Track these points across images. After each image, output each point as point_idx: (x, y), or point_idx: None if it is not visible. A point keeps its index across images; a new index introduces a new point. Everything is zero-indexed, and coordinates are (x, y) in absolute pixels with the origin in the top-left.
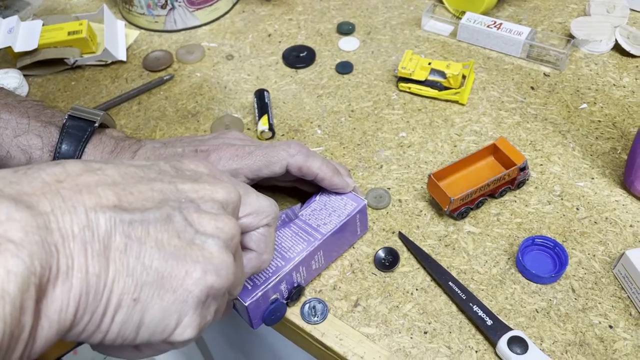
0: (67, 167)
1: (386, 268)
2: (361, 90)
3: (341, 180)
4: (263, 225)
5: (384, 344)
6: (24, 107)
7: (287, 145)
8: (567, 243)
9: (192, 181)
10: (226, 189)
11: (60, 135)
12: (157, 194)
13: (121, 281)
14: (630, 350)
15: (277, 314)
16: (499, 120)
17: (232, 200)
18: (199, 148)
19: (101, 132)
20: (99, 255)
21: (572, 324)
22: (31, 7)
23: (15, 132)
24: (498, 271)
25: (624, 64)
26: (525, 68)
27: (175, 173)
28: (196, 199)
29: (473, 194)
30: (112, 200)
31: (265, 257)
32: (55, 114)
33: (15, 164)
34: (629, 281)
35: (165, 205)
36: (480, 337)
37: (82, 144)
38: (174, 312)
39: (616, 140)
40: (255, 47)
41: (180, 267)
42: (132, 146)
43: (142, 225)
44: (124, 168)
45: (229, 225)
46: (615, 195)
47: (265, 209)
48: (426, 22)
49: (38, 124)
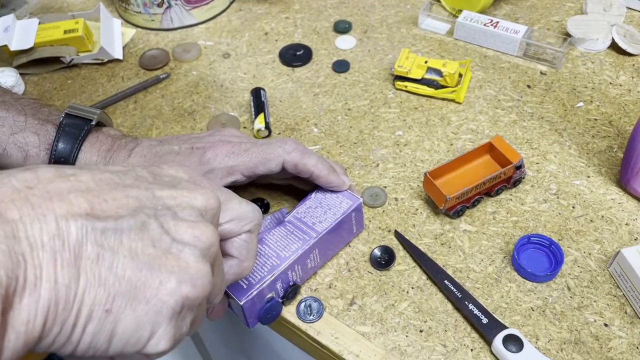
0: (38, 172)
1: (382, 266)
2: (358, 89)
3: (337, 179)
4: (245, 231)
5: (379, 343)
6: (21, 104)
7: (283, 143)
8: (563, 241)
9: (170, 187)
10: (205, 195)
11: (57, 134)
12: (132, 200)
13: (92, 292)
14: (626, 348)
15: (272, 312)
16: (495, 118)
17: (211, 207)
18: (195, 145)
19: (98, 131)
20: (69, 265)
21: (568, 322)
22: (28, 6)
23: (12, 130)
24: (494, 269)
25: (620, 63)
26: (522, 66)
27: (153, 179)
28: (174, 206)
29: (469, 192)
30: (85, 207)
31: (247, 264)
32: (52, 112)
33: (12, 161)
34: (624, 279)
35: (140, 212)
36: (475, 336)
37: (79, 142)
38: (147, 323)
39: (612, 139)
40: (252, 45)
41: (155, 277)
42: (128, 144)
43: (115, 234)
44: (99, 174)
45: (206, 234)
46: (611, 193)
47: (247, 215)
48: (423, 21)
49: (35, 121)
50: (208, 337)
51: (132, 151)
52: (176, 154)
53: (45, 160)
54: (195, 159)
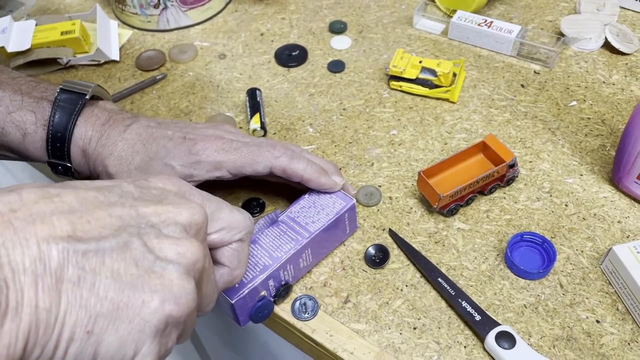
0: (23, 194)
1: (376, 265)
2: (353, 89)
3: (328, 180)
4: (236, 240)
5: (373, 340)
6: (17, 83)
7: (272, 147)
8: (555, 239)
9: (155, 203)
10: (191, 210)
11: (52, 109)
12: (115, 220)
13: (73, 314)
14: (617, 344)
15: (264, 311)
16: (489, 118)
17: (197, 221)
18: (188, 135)
19: (93, 105)
20: (50, 289)
21: (560, 319)
22: (25, 7)
23: (9, 109)
24: (487, 267)
25: (613, 62)
26: (516, 66)
27: (140, 194)
28: (158, 223)
29: (462, 190)
30: (66, 230)
31: (238, 273)
32: (48, 88)
33: (11, 139)
34: (616, 276)
35: (123, 232)
36: (469, 333)
37: (74, 117)
38: (130, 342)
39: (605, 137)
40: (248, 46)
41: (137, 297)
42: (125, 120)
43: (97, 255)
44: (84, 192)
45: (191, 250)
46: (603, 191)
47: (238, 224)
48: (417, 21)
49: (31, 99)
50: (205, 335)
51: (129, 127)
52: (169, 139)
53: (43, 136)
54: (185, 148)
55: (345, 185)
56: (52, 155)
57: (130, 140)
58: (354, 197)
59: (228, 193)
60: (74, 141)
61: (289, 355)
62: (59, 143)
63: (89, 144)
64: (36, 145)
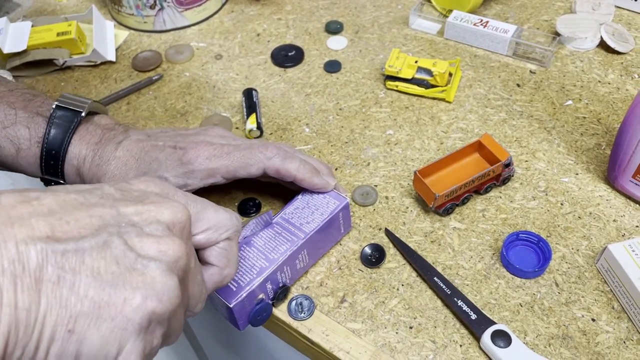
0: (2, 199)
1: (372, 264)
2: (349, 89)
3: (321, 181)
4: (223, 239)
5: (369, 339)
6: (14, 96)
7: (264, 148)
8: (551, 238)
9: (136, 203)
10: (173, 208)
11: (47, 126)
12: (95, 220)
13: (54, 313)
14: (613, 343)
15: (263, 314)
16: (485, 117)
17: (179, 220)
18: (178, 145)
19: (89, 121)
20: (30, 289)
21: (556, 317)
22: (21, 9)
23: (4, 124)
24: (483, 266)
25: (609, 61)
26: (512, 65)
27: (121, 195)
28: (139, 222)
29: (458, 190)
30: (45, 231)
31: (227, 272)
32: (44, 102)
33: (4, 154)
34: (611, 275)
35: (103, 231)
36: (464, 332)
37: (69, 135)
38: (113, 340)
39: (600, 136)
40: (244, 46)
41: (119, 295)
42: (117, 136)
43: (76, 255)
44: (64, 195)
45: (172, 248)
46: (599, 190)
47: (224, 223)
48: (414, 21)
49: (26, 114)
50: (203, 335)
51: (120, 144)
52: (160, 150)
53: (37, 153)
54: (176, 158)
55: (337, 186)
56: (45, 172)
57: (123, 158)
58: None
59: (224, 194)
60: (68, 160)
61: (285, 355)
62: (53, 161)
63: (83, 164)
64: (30, 161)
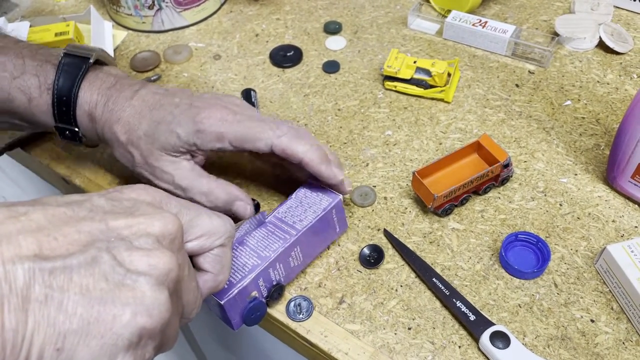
0: None
1: (371, 265)
2: (348, 89)
3: (328, 170)
4: (217, 245)
5: (368, 340)
6: (20, 47)
7: (276, 125)
8: (550, 239)
9: (126, 216)
10: (164, 220)
11: (56, 73)
12: (84, 235)
13: (41, 332)
14: (612, 344)
15: (257, 313)
16: (484, 117)
17: (170, 231)
18: (194, 103)
19: (98, 69)
20: (17, 309)
21: (555, 318)
22: (19, 9)
23: (13, 74)
24: (482, 267)
25: (607, 61)
26: (510, 66)
27: (111, 207)
28: (128, 236)
29: (456, 190)
30: (33, 248)
31: (221, 278)
32: (52, 52)
33: (17, 105)
34: (610, 276)
35: (91, 247)
36: (463, 333)
37: (78, 80)
38: (103, 356)
39: (599, 137)
40: (243, 46)
41: (108, 311)
42: (133, 85)
43: (64, 273)
44: (52, 209)
45: (163, 261)
46: (598, 191)
47: (218, 229)
48: (412, 21)
49: (35, 63)
50: (201, 335)
51: (137, 92)
52: (176, 105)
53: (48, 101)
54: (190, 115)
55: (345, 180)
56: (58, 119)
57: (138, 107)
58: (349, 194)
59: None
60: (80, 105)
61: (284, 356)
62: (65, 107)
63: (95, 108)
64: (42, 109)
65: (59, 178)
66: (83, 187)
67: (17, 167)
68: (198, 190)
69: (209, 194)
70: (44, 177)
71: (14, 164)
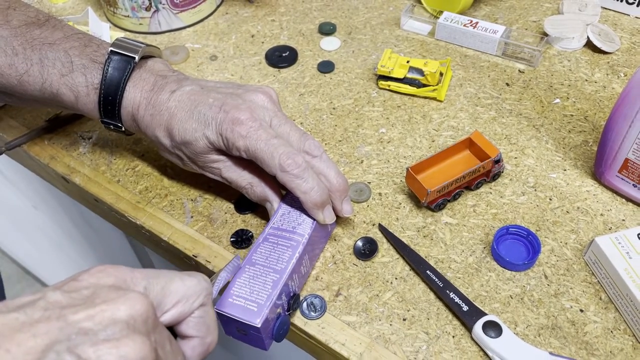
0: None
1: (366, 257)
2: (342, 89)
3: (317, 215)
4: (197, 307)
5: (364, 331)
6: (69, 42)
7: (286, 156)
8: (540, 232)
9: (86, 307)
10: (129, 301)
11: (102, 74)
12: (40, 339)
13: None
14: (600, 332)
15: (284, 327)
16: (475, 115)
17: (139, 312)
18: (224, 107)
19: (142, 67)
20: None
21: (545, 308)
22: None
23: (62, 72)
24: (474, 260)
25: (595, 60)
26: (501, 65)
27: (68, 300)
28: (92, 328)
29: (449, 186)
30: None
31: (210, 339)
32: (99, 47)
33: (65, 100)
34: (598, 267)
35: (50, 351)
36: (457, 323)
37: (123, 82)
38: None
39: (588, 133)
40: (239, 47)
41: None
42: (170, 85)
43: None
44: (2, 317)
45: (134, 348)
46: (586, 185)
47: (194, 290)
48: (405, 22)
49: (82, 61)
50: None
51: (173, 94)
52: (209, 107)
53: (94, 99)
54: (218, 120)
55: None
56: (104, 115)
57: (174, 110)
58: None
59: (222, 190)
60: (124, 106)
61: (282, 349)
62: (110, 106)
63: (137, 111)
64: (89, 107)
65: (59, 177)
66: (82, 185)
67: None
68: (243, 180)
69: (254, 184)
70: (44, 176)
71: (13, 166)
